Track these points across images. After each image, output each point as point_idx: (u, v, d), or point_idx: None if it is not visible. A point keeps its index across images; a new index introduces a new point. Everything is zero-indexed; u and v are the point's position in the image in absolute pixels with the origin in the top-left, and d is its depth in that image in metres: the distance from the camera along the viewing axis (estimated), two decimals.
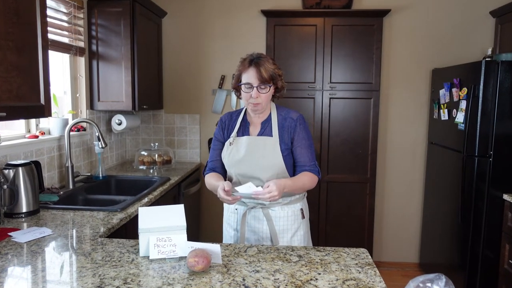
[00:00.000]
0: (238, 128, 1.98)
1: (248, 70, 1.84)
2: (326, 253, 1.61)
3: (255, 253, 1.59)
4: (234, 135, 1.97)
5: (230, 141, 1.96)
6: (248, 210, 1.96)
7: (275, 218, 1.94)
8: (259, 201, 1.87)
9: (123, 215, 2.11)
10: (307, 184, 1.90)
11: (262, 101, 1.86)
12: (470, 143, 2.91)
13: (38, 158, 2.52)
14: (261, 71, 1.81)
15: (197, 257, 1.37)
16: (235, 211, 2.01)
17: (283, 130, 1.92)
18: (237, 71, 1.90)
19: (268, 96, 1.88)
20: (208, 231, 4.01)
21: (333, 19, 3.56)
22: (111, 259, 1.52)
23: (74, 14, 2.95)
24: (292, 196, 1.97)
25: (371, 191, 3.71)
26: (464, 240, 2.99)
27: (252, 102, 1.86)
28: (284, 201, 1.94)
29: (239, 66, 1.89)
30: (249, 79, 1.84)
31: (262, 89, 1.84)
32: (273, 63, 1.87)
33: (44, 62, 1.92)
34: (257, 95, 1.84)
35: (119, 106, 3.20)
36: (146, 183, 3.03)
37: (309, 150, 1.93)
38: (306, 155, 1.92)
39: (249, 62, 1.85)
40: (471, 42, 3.67)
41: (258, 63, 1.83)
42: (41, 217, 2.07)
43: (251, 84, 1.83)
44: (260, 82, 1.83)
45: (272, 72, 1.84)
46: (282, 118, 1.94)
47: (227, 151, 1.96)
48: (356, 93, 3.61)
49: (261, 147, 1.90)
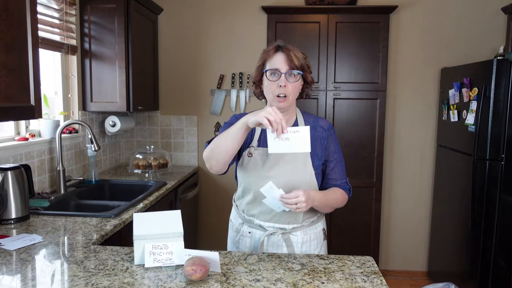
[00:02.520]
0: (259, 136, 1.76)
1: (275, 56, 1.66)
2: (330, 261, 1.61)
3: (255, 261, 1.59)
4: (255, 144, 1.74)
5: (250, 151, 1.74)
6: (266, 237, 1.77)
7: (297, 244, 1.78)
8: (279, 221, 1.75)
9: (117, 221, 2.11)
10: (338, 202, 1.76)
11: (290, 93, 1.65)
12: (481, 146, 2.91)
13: (28, 161, 2.53)
14: (291, 56, 1.63)
15: (194, 266, 1.37)
16: (248, 235, 1.82)
17: (315, 142, 1.73)
18: (260, 61, 1.72)
19: (297, 89, 1.69)
20: (206, 238, 4.01)
21: (337, 16, 3.56)
22: (105, 267, 1.52)
23: (66, 10, 2.96)
24: (315, 216, 1.82)
25: (377, 195, 3.71)
26: (474, 247, 2.98)
27: (278, 93, 1.64)
28: (306, 222, 1.79)
29: (262, 55, 1.72)
30: (276, 65, 1.65)
31: (291, 77, 1.65)
32: (302, 53, 1.70)
33: (34, 61, 1.92)
34: (285, 83, 1.63)
35: (113, 107, 3.20)
36: (141, 187, 3.03)
37: (341, 165, 1.80)
38: (338, 171, 1.78)
39: (275, 48, 1.68)
40: (482, 40, 3.67)
41: (288, 48, 1.66)
42: (31, 224, 2.07)
43: (278, 70, 1.64)
44: (289, 68, 1.63)
45: (303, 61, 1.68)
46: (311, 127, 1.70)
47: (245, 163, 1.75)
48: (361, 93, 3.62)
49: (290, 161, 1.70)
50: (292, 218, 1.77)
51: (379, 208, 3.73)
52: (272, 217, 1.77)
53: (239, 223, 1.88)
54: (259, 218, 1.79)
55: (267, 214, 1.77)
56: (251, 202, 1.79)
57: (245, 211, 1.84)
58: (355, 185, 3.67)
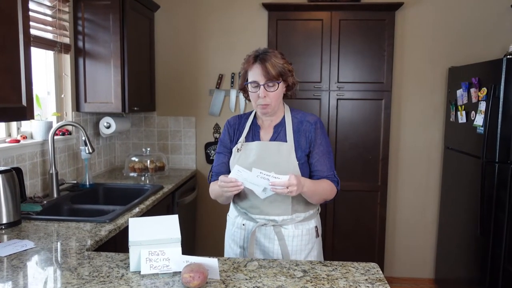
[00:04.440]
0: (247, 132, 1.94)
1: (253, 67, 1.81)
2: (333, 268, 1.61)
3: (256, 268, 1.59)
4: (242, 140, 1.92)
5: (237, 147, 1.91)
6: (258, 228, 1.90)
7: (288, 237, 1.88)
8: (269, 214, 1.86)
9: (112, 226, 2.11)
10: (327, 192, 1.86)
11: (271, 101, 1.82)
12: (490, 148, 2.91)
13: (19, 164, 2.53)
14: (267, 67, 1.78)
15: (192, 272, 1.37)
16: (242, 227, 1.95)
17: (299, 135, 1.87)
18: (243, 70, 1.87)
19: (278, 95, 1.84)
20: (205, 244, 4.01)
21: (340, 13, 3.57)
22: (99, 274, 1.52)
23: (59, 7, 2.96)
24: (307, 212, 1.92)
25: (382, 200, 3.71)
26: (483, 254, 2.98)
27: (260, 104, 1.82)
28: (298, 218, 1.90)
29: (244, 64, 1.86)
30: (255, 77, 1.81)
31: (270, 87, 1.80)
32: (281, 58, 1.83)
33: (26, 60, 1.92)
34: (264, 94, 1.80)
35: (107, 107, 3.21)
36: (137, 191, 3.03)
37: (327, 158, 1.89)
38: (324, 163, 1.87)
39: (254, 58, 1.82)
40: (491, 38, 3.68)
41: (264, 58, 1.79)
42: (22, 229, 2.07)
43: (257, 82, 1.80)
44: (266, 79, 1.79)
45: (281, 67, 1.80)
46: (297, 122, 1.90)
47: (234, 159, 1.91)
48: (366, 93, 3.62)
49: (274, 153, 1.85)
50: (281, 210, 1.87)
51: (384, 212, 3.73)
52: (261, 211, 1.89)
53: (235, 215, 2.01)
54: (250, 211, 1.92)
55: (255, 208, 1.90)
56: (241, 196, 1.92)
57: (238, 204, 1.98)
58: (359, 189, 3.72)
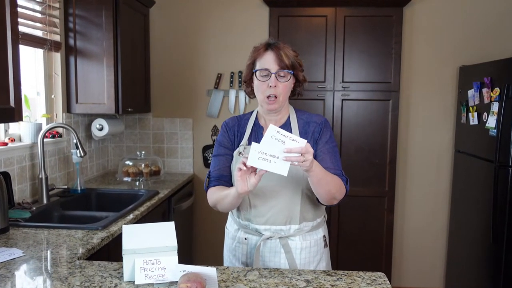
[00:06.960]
0: (250, 134, 1.89)
1: (265, 55, 1.77)
2: (337, 278, 1.61)
3: (256, 277, 1.59)
4: (244, 142, 1.87)
5: (239, 150, 1.85)
6: (263, 242, 1.84)
7: (295, 249, 1.84)
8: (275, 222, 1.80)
9: (105, 234, 2.11)
10: (336, 186, 1.75)
11: (280, 94, 1.77)
12: (503, 151, 2.91)
13: (7, 168, 2.53)
14: (281, 55, 1.74)
15: (189, 282, 1.37)
16: (244, 241, 1.89)
17: (306, 136, 1.83)
18: (250, 60, 1.83)
19: (288, 88, 1.81)
20: (203, 253, 4.01)
21: (346, 9, 3.58)
22: (91, 284, 1.52)
23: (49, 3, 2.97)
24: (315, 221, 1.89)
25: (389, 206, 3.71)
26: (496, 262, 2.98)
27: (268, 94, 1.76)
28: (305, 227, 1.86)
29: (252, 53, 1.83)
30: (266, 65, 1.76)
31: (281, 77, 1.76)
32: (293, 51, 1.80)
33: (14, 59, 1.92)
34: (275, 83, 1.74)
35: (100, 109, 3.21)
36: (131, 197, 3.02)
37: (334, 156, 1.84)
38: (331, 160, 1.81)
39: (265, 46, 1.79)
40: (504, 36, 3.69)
41: (278, 46, 1.77)
42: (10, 236, 2.06)
43: (268, 70, 1.75)
44: (279, 67, 1.74)
45: (293, 59, 1.78)
46: (304, 123, 1.87)
47: (236, 163, 1.82)
48: (372, 94, 3.63)
49: None
50: (289, 217, 1.82)
51: (392, 219, 3.72)
52: (267, 219, 1.83)
53: (235, 229, 1.95)
54: (254, 221, 1.85)
55: (261, 216, 1.83)
56: (245, 204, 1.85)
57: (240, 215, 1.91)
58: (365, 194, 3.71)
